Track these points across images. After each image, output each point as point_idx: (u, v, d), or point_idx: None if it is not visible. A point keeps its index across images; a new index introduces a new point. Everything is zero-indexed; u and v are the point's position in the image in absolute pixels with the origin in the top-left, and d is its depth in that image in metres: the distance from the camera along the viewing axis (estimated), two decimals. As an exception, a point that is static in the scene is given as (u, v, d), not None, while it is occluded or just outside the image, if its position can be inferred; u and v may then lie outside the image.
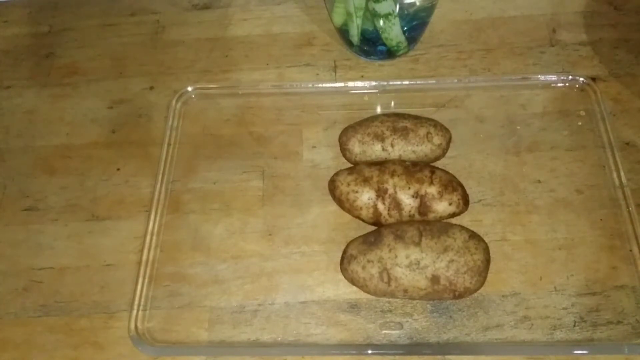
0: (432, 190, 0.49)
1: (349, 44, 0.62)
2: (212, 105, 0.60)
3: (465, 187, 0.51)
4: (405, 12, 0.57)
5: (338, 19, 0.60)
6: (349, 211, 0.51)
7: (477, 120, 0.57)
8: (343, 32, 0.61)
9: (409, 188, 0.49)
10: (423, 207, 0.49)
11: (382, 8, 0.54)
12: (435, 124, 0.53)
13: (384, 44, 0.59)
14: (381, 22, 0.56)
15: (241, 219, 0.53)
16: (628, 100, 0.58)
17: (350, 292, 0.49)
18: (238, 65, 0.63)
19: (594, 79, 0.59)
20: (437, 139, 0.52)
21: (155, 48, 0.65)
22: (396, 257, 0.46)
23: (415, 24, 0.59)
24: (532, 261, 0.50)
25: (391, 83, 0.59)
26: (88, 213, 0.54)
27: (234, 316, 0.49)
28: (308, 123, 0.58)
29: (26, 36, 0.67)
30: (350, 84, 0.59)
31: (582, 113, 0.57)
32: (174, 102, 0.59)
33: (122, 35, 0.66)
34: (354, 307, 0.49)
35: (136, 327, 0.48)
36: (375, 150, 0.52)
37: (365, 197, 0.49)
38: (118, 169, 0.57)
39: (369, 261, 0.46)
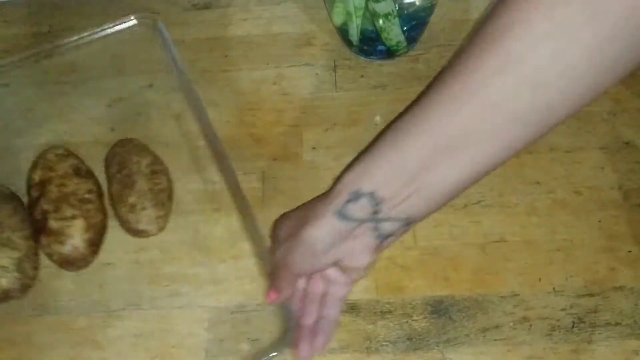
0: None
1: (349, 43, 0.62)
2: (212, 105, 0.60)
3: (465, 188, 0.51)
4: (405, 12, 0.57)
5: (338, 18, 0.60)
6: None
7: (476, 120, 0.57)
8: (343, 31, 0.61)
9: None
10: None
11: (381, 8, 0.54)
12: None
13: (384, 44, 0.59)
14: (381, 21, 0.56)
15: (241, 219, 0.53)
16: (628, 100, 0.58)
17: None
18: (238, 65, 0.63)
19: (593, 80, 0.59)
20: None
21: (155, 47, 0.64)
22: None
23: (414, 24, 0.59)
24: (531, 262, 0.50)
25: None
26: (87, 213, 0.54)
27: (234, 316, 0.49)
28: (308, 124, 0.58)
29: (26, 36, 0.67)
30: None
31: (582, 113, 0.57)
32: (173, 101, 0.59)
33: (121, 34, 0.66)
34: (353, 308, 0.49)
35: (135, 326, 0.48)
36: None
37: None
38: (117, 169, 0.57)
39: None
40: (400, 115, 0.39)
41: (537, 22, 0.32)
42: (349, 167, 0.40)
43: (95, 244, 0.51)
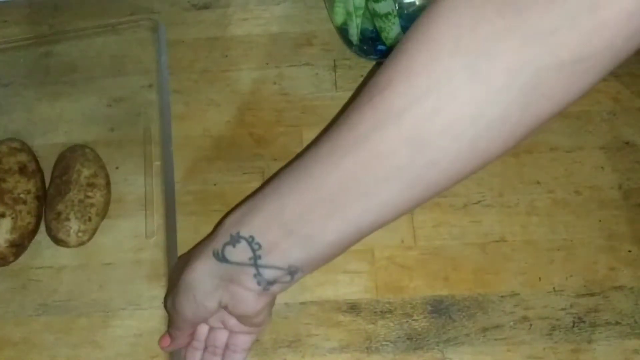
0: None
1: (349, 43, 0.62)
2: (212, 105, 0.60)
3: (465, 188, 0.51)
4: (405, 12, 0.57)
5: (337, 18, 0.60)
6: None
7: (476, 120, 0.57)
8: (343, 31, 0.61)
9: None
10: None
11: (381, 8, 0.54)
12: None
13: (384, 44, 0.59)
14: (381, 21, 0.56)
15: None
16: (628, 100, 0.58)
17: (349, 292, 0.49)
18: (238, 65, 0.63)
19: (593, 80, 0.59)
20: None
21: (155, 47, 0.65)
22: None
23: (415, 24, 0.59)
24: (531, 262, 0.50)
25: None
26: (87, 212, 0.54)
27: (233, 316, 0.49)
28: (308, 124, 0.58)
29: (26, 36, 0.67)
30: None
31: (582, 113, 0.57)
32: (173, 102, 0.59)
33: (121, 34, 0.66)
34: (353, 308, 0.49)
35: (135, 326, 0.48)
36: None
37: None
38: (117, 168, 0.57)
39: None
40: (290, 162, 0.38)
41: (417, 77, 0.31)
42: (234, 208, 0.40)
43: (17, 245, 0.50)
